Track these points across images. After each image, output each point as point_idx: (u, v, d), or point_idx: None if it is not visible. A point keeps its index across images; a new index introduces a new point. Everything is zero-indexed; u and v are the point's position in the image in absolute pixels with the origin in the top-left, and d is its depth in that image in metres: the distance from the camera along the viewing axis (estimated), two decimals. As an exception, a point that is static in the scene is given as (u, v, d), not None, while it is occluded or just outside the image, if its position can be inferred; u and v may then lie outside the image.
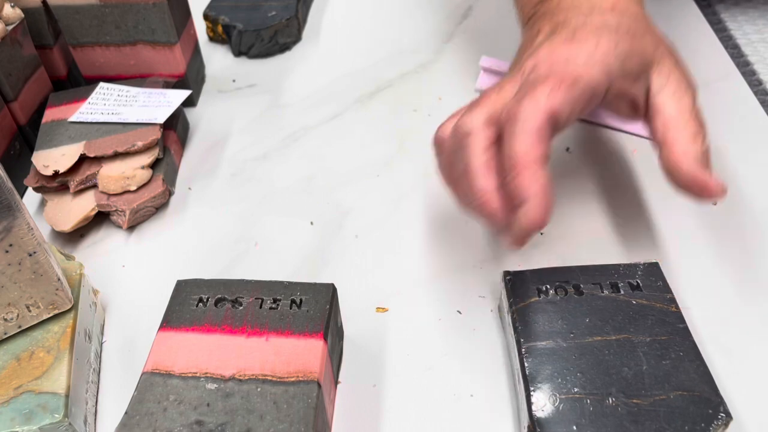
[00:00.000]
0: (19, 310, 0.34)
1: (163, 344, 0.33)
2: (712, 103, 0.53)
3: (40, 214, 0.47)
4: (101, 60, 0.53)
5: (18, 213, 0.32)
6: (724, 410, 0.30)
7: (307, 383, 0.31)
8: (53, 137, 0.47)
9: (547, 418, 0.30)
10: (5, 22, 0.47)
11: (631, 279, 0.35)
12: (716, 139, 0.50)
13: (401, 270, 0.42)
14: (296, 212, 0.46)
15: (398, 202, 0.47)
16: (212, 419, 0.30)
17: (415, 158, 0.50)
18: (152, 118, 0.47)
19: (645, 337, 0.33)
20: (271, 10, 0.61)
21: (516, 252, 0.42)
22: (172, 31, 0.51)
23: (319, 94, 0.57)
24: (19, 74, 0.48)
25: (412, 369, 0.37)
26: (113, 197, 0.45)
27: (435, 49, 0.61)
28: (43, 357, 0.34)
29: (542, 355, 0.33)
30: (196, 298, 0.35)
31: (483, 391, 0.35)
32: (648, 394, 0.31)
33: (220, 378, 0.31)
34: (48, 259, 0.34)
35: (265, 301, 0.35)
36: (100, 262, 0.44)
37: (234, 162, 0.51)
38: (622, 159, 0.49)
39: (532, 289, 0.36)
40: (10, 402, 0.32)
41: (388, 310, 0.40)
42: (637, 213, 0.44)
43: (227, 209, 0.47)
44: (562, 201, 0.46)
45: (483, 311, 0.39)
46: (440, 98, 0.55)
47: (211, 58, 0.62)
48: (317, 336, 0.33)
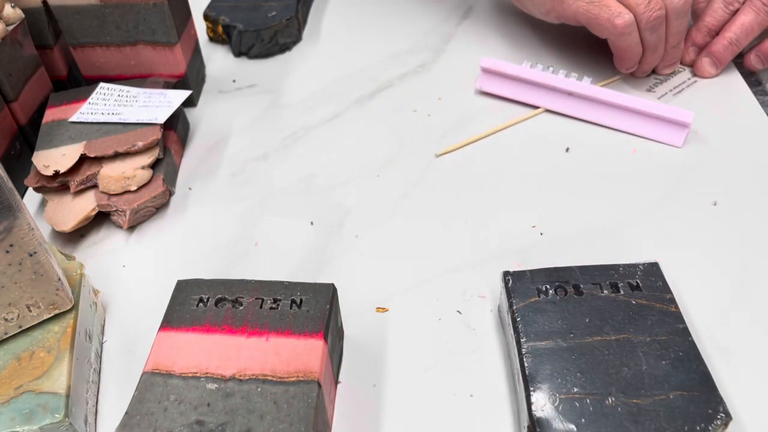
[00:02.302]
0: (19, 310, 0.34)
1: (163, 344, 0.33)
2: (712, 103, 0.53)
3: (41, 214, 0.47)
4: (101, 60, 0.53)
5: (18, 213, 0.32)
6: (723, 410, 0.30)
7: (307, 383, 0.31)
8: (54, 137, 0.47)
9: (547, 417, 0.30)
10: (6, 22, 0.47)
11: (630, 279, 0.35)
12: (716, 139, 0.50)
13: (401, 270, 0.42)
14: (296, 212, 0.46)
15: (398, 202, 0.47)
16: (212, 419, 0.30)
17: (415, 158, 0.50)
18: (152, 118, 0.47)
19: (645, 337, 0.33)
20: (271, 11, 0.61)
21: (516, 252, 0.42)
22: (173, 31, 0.51)
23: (319, 94, 0.57)
24: (19, 74, 0.48)
25: (412, 369, 0.37)
26: (113, 197, 0.45)
27: (435, 49, 0.61)
28: (43, 357, 0.34)
29: (542, 355, 0.33)
30: (196, 298, 0.35)
31: (483, 391, 0.35)
32: (648, 394, 0.31)
33: (220, 378, 0.32)
34: (48, 259, 0.34)
35: (266, 301, 0.35)
36: (101, 262, 0.44)
37: (234, 162, 0.51)
38: (622, 159, 0.49)
39: (531, 289, 0.36)
40: (11, 402, 0.32)
41: (388, 310, 0.40)
42: (637, 213, 0.44)
43: (227, 209, 0.47)
44: (562, 201, 0.46)
45: (483, 311, 0.39)
46: (440, 98, 0.55)
47: (212, 58, 0.62)
48: (317, 336, 0.33)
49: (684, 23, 0.51)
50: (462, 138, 0.51)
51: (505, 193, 0.47)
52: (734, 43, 0.53)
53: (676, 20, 0.50)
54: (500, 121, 0.52)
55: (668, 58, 0.54)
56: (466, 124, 0.52)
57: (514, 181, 0.47)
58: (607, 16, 0.49)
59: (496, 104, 0.54)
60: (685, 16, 0.50)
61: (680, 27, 0.51)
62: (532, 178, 0.48)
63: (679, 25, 0.51)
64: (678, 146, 0.49)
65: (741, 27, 0.52)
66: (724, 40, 0.53)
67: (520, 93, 0.53)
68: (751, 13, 0.52)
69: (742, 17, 0.52)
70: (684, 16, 0.50)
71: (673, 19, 0.50)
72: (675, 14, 0.50)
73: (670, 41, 0.52)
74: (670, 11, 0.49)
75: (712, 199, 0.45)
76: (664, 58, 0.53)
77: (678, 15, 0.50)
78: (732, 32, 0.53)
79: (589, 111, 0.52)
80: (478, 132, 0.51)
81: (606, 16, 0.49)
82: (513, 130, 0.52)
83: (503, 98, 0.54)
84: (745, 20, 0.52)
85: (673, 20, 0.50)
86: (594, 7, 0.50)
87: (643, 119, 0.50)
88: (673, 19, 0.50)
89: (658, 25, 0.50)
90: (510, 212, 0.45)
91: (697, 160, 0.48)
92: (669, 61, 0.54)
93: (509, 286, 0.36)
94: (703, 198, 0.45)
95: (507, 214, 0.45)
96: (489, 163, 0.49)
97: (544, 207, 0.45)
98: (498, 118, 0.52)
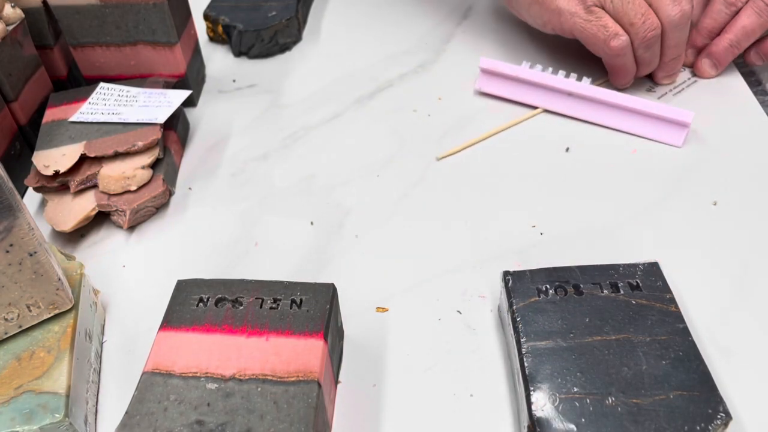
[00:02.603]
0: (19, 310, 0.34)
1: (163, 344, 0.33)
2: (712, 103, 0.53)
3: (41, 214, 0.47)
4: (101, 60, 0.53)
5: (18, 213, 0.32)
6: (723, 410, 0.30)
7: (307, 383, 0.31)
8: (54, 137, 0.47)
9: (547, 417, 0.30)
10: (6, 22, 0.47)
11: (630, 279, 0.36)
12: (716, 139, 0.50)
13: (401, 270, 0.42)
14: (296, 212, 0.46)
15: (398, 202, 0.47)
16: (212, 419, 0.30)
17: (415, 158, 0.50)
18: (153, 118, 0.47)
19: (645, 337, 0.33)
20: (271, 11, 0.61)
21: (516, 252, 0.42)
22: (173, 31, 0.51)
23: (319, 94, 0.57)
24: (19, 74, 0.48)
25: (412, 369, 0.37)
26: (114, 197, 0.45)
27: (435, 49, 0.61)
28: (43, 357, 0.34)
29: (542, 355, 0.33)
30: (196, 298, 0.35)
31: (483, 391, 0.35)
32: (648, 394, 0.31)
33: (220, 378, 0.32)
34: (48, 259, 0.34)
35: (266, 301, 0.35)
36: (101, 262, 0.44)
37: (234, 162, 0.51)
38: (622, 159, 0.49)
39: (531, 289, 0.36)
40: (11, 402, 0.32)
41: (388, 310, 0.40)
42: (637, 213, 0.44)
43: (227, 209, 0.47)
44: (562, 201, 0.46)
45: (483, 311, 0.39)
46: (440, 98, 0.55)
47: (212, 58, 0.62)
48: (317, 336, 0.33)
49: (683, 35, 0.50)
50: (462, 138, 0.51)
51: (505, 193, 0.47)
52: (735, 46, 0.52)
53: (673, 33, 0.50)
54: (500, 122, 0.52)
55: (667, 69, 0.53)
56: (466, 124, 0.52)
57: (514, 181, 0.47)
58: (603, 38, 0.49)
59: (496, 104, 0.54)
60: (683, 29, 0.50)
61: (679, 39, 0.50)
62: (532, 178, 0.48)
63: (678, 37, 0.50)
64: (678, 146, 0.49)
65: (743, 29, 0.52)
66: (725, 42, 0.53)
67: (520, 93, 0.53)
68: (753, 15, 0.51)
69: (744, 19, 0.52)
70: (682, 28, 0.49)
71: (671, 33, 0.49)
72: (672, 28, 0.49)
73: (669, 54, 0.51)
74: (667, 25, 0.49)
75: (712, 199, 0.45)
76: (664, 68, 0.53)
77: (676, 28, 0.49)
78: (733, 34, 0.52)
79: (589, 111, 0.52)
80: (479, 132, 0.51)
81: (602, 37, 0.49)
82: (513, 130, 0.52)
83: (503, 99, 0.54)
84: (747, 22, 0.51)
85: (670, 34, 0.50)
86: (591, 26, 0.49)
87: (643, 119, 0.50)
88: (671, 33, 0.49)
89: (653, 43, 0.49)
90: (510, 212, 0.45)
91: (697, 160, 0.48)
92: (668, 71, 0.53)
93: (509, 286, 0.36)
94: (703, 198, 0.45)
95: (507, 214, 0.45)
96: (489, 163, 0.49)
97: (544, 207, 0.45)
98: (498, 119, 0.52)
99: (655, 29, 0.48)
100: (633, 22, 0.48)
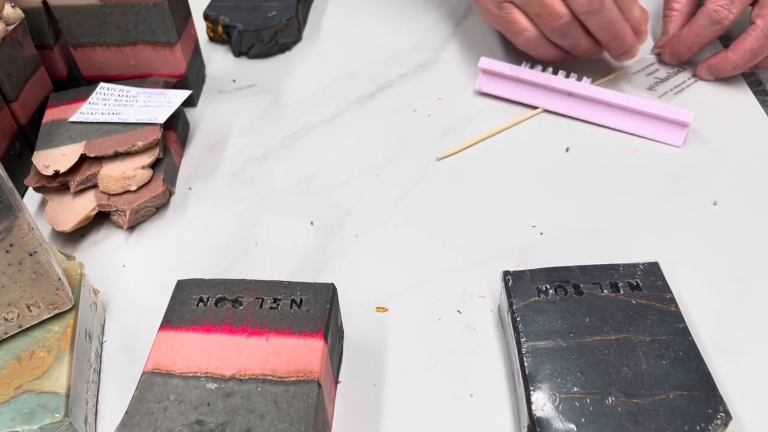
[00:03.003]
0: (19, 310, 0.34)
1: (163, 344, 0.33)
2: (712, 103, 0.53)
3: (41, 214, 0.47)
4: (101, 60, 0.53)
5: (18, 213, 0.32)
6: (723, 410, 0.30)
7: (307, 383, 0.31)
8: (54, 137, 0.47)
9: (547, 417, 0.30)
10: (6, 22, 0.47)
11: (630, 279, 0.36)
12: (716, 139, 0.50)
13: (401, 270, 0.42)
14: (296, 212, 0.46)
15: (398, 202, 0.47)
16: (212, 419, 0.30)
17: (415, 158, 0.50)
18: (152, 118, 0.47)
19: (645, 336, 0.33)
20: (271, 11, 0.61)
21: (516, 252, 0.42)
22: (173, 31, 0.51)
23: (319, 94, 0.57)
24: (19, 74, 0.48)
25: (412, 369, 0.37)
26: (113, 197, 0.45)
27: (435, 49, 0.61)
28: (43, 357, 0.34)
29: (542, 355, 0.33)
30: (196, 298, 0.35)
31: (483, 391, 0.35)
32: (648, 394, 0.31)
33: (220, 378, 0.32)
34: (48, 259, 0.34)
35: (266, 300, 0.35)
36: (101, 262, 0.44)
37: (234, 162, 0.51)
38: (622, 159, 0.49)
39: (531, 288, 0.36)
40: (11, 402, 0.32)
41: (388, 310, 0.40)
42: (637, 213, 0.44)
43: (227, 209, 0.47)
44: (562, 201, 0.46)
45: (483, 311, 0.39)
46: (440, 98, 0.55)
47: (212, 58, 0.62)
48: (317, 336, 0.33)
49: (605, 17, 0.48)
50: (462, 138, 0.51)
51: (505, 193, 0.47)
52: (738, 68, 0.52)
53: (591, 19, 0.48)
54: (500, 122, 0.52)
55: (612, 49, 0.51)
56: (466, 124, 0.52)
57: (514, 181, 0.47)
58: (512, 33, 0.51)
59: (496, 104, 0.54)
60: (600, 12, 0.47)
61: (600, 23, 0.48)
62: (532, 178, 0.48)
63: (599, 21, 0.48)
64: (678, 146, 0.49)
65: (750, 53, 0.50)
66: (729, 64, 0.52)
67: (520, 93, 0.53)
68: (762, 39, 0.49)
69: (752, 42, 0.50)
70: (597, 12, 0.47)
71: (588, 20, 0.48)
72: (586, 15, 0.48)
73: (601, 37, 0.50)
74: (579, 15, 0.48)
75: (712, 199, 0.45)
76: (609, 50, 0.51)
77: (590, 14, 0.47)
78: (739, 57, 0.51)
79: (589, 111, 0.52)
80: (479, 132, 0.51)
81: (511, 32, 0.51)
82: (513, 130, 0.52)
83: (503, 99, 0.54)
84: (755, 46, 0.50)
85: (588, 20, 0.48)
86: (502, 21, 0.51)
87: (643, 119, 0.50)
88: (588, 20, 0.48)
89: (565, 31, 0.49)
90: (510, 212, 0.45)
91: (697, 160, 0.48)
92: (615, 51, 0.51)
93: (509, 285, 0.36)
94: (703, 198, 0.45)
95: (507, 214, 0.45)
96: (489, 163, 0.49)
97: (544, 207, 0.45)
98: (498, 119, 0.52)
99: (560, 18, 0.48)
100: (538, 13, 0.48)
